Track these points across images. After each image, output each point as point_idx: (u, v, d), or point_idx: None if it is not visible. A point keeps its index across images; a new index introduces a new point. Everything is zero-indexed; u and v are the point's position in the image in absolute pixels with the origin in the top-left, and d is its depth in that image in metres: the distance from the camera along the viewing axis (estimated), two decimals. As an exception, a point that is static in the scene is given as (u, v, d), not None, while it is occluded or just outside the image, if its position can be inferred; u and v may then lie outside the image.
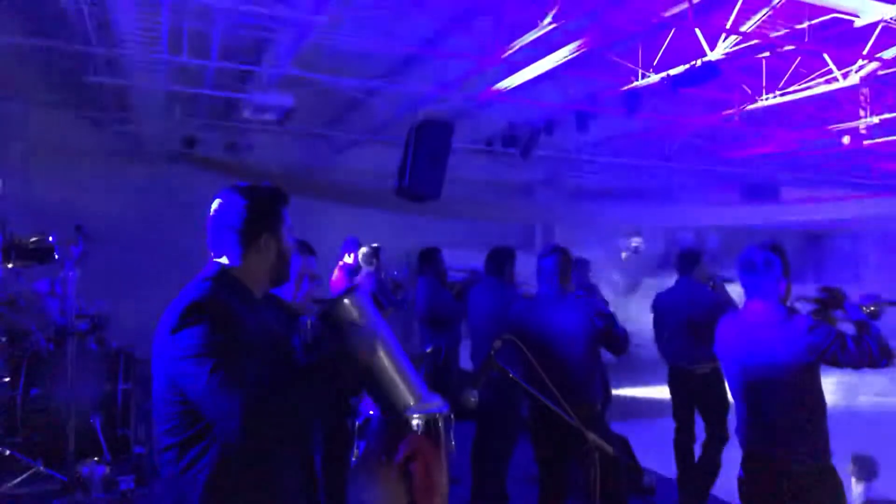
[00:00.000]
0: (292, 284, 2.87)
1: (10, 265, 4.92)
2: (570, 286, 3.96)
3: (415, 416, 2.61)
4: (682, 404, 5.12)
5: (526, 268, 4.90)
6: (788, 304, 2.97)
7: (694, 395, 5.03)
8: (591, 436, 2.41)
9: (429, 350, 4.43)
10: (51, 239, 4.94)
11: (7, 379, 4.86)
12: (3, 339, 5.05)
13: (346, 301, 1.93)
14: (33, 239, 4.93)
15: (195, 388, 1.68)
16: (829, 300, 3.11)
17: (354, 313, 1.92)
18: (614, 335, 3.76)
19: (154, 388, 1.83)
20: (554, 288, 3.92)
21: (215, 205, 1.93)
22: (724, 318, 3.24)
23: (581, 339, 3.75)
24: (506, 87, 7.16)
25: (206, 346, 1.68)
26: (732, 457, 3.38)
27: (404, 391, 1.98)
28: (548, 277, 3.93)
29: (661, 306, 5.27)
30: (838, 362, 2.76)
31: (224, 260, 1.90)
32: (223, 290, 1.82)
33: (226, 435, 1.70)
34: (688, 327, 4.90)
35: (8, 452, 4.70)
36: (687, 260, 5.18)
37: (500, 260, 4.87)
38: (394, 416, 2.07)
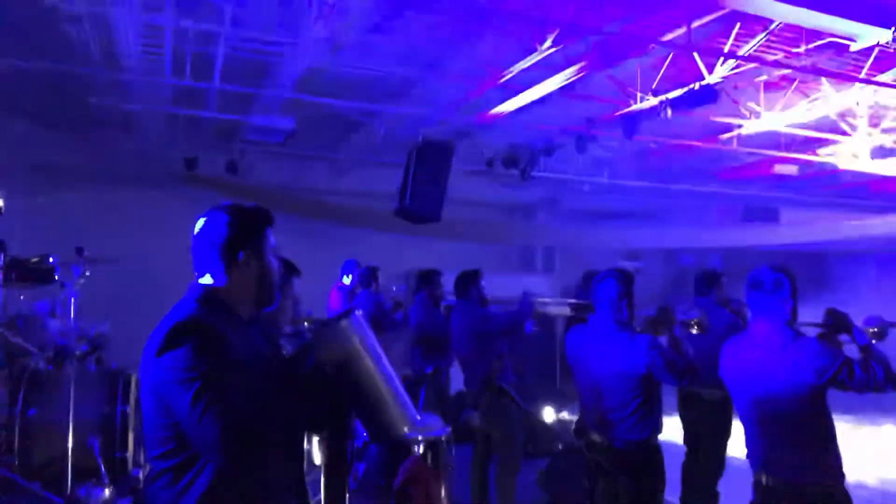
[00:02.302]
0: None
1: (10, 286, 4.91)
2: (630, 313, 3.50)
3: (415, 438, 2.58)
4: (690, 429, 5.05)
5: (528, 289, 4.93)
6: (795, 327, 2.96)
7: (701, 418, 4.94)
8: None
9: (430, 371, 4.43)
10: (51, 260, 4.93)
11: (5, 400, 4.83)
12: (2, 358, 5.03)
13: (342, 324, 1.88)
14: (34, 259, 4.92)
15: (180, 413, 1.68)
16: (835, 325, 3.10)
17: (352, 338, 1.87)
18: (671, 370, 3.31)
19: (143, 412, 1.82)
20: (606, 316, 3.48)
21: (200, 223, 1.93)
22: (728, 342, 3.20)
23: (625, 376, 3.37)
24: (506, 110, 7.22)
25: (188, 369, 1.67)
26: (742, 482, 3.32)
27: (395, 418, 1.91)
28: (600, 304, 3.50)
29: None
30: (845, 386, 2.75)
31: (208, 280, 1.89)
32: (207, 310, 1.82)
33: (211, 459, 1.71)
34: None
35: (4, 474, 4.66)
36: (705, 282, 5.02)
37: (466, 282, 5.00)
38: (381, 442, 2.01)
